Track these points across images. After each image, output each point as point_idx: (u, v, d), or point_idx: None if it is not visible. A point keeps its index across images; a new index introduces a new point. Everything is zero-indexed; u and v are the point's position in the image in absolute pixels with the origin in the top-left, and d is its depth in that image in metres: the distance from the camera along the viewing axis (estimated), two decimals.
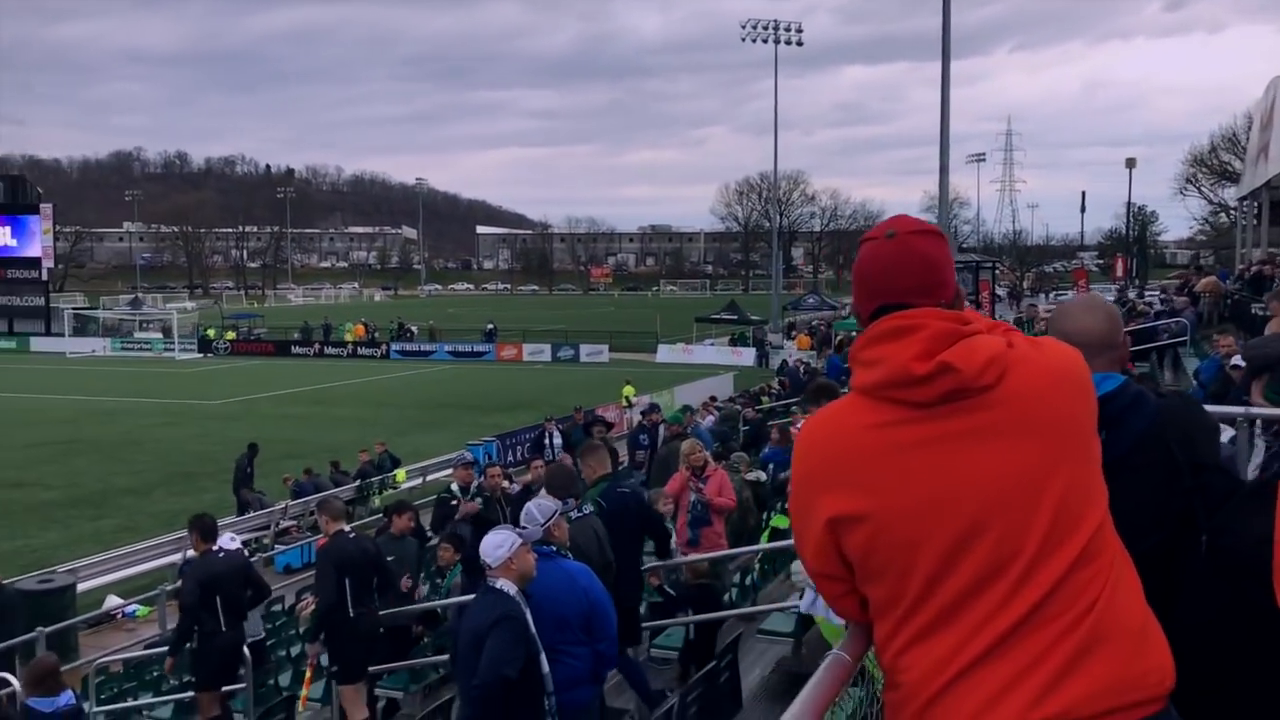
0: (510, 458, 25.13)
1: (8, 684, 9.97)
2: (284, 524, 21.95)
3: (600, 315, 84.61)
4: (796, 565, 7.59)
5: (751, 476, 11.70)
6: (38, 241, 69.56)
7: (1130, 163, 68.25)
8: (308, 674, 9.23)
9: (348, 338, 64.43)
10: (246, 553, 11.80)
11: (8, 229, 70.05)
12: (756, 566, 10.50)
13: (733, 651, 6.75)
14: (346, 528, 8.96)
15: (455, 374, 52.29)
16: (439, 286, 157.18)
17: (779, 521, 9.64)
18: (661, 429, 17.04)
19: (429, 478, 25.53)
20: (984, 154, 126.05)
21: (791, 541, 9.24)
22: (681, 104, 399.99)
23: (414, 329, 67.40)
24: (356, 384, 48.48)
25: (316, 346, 63.05)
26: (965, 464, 1.81)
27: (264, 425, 35.20)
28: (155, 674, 11.79)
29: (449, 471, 25.63)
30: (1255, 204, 32.82)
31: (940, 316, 1.90)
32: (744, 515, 10.90)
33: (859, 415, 1.91)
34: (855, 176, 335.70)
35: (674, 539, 9.20)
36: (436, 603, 9.63)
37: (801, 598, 7.27)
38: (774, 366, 45.43)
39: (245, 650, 9.45)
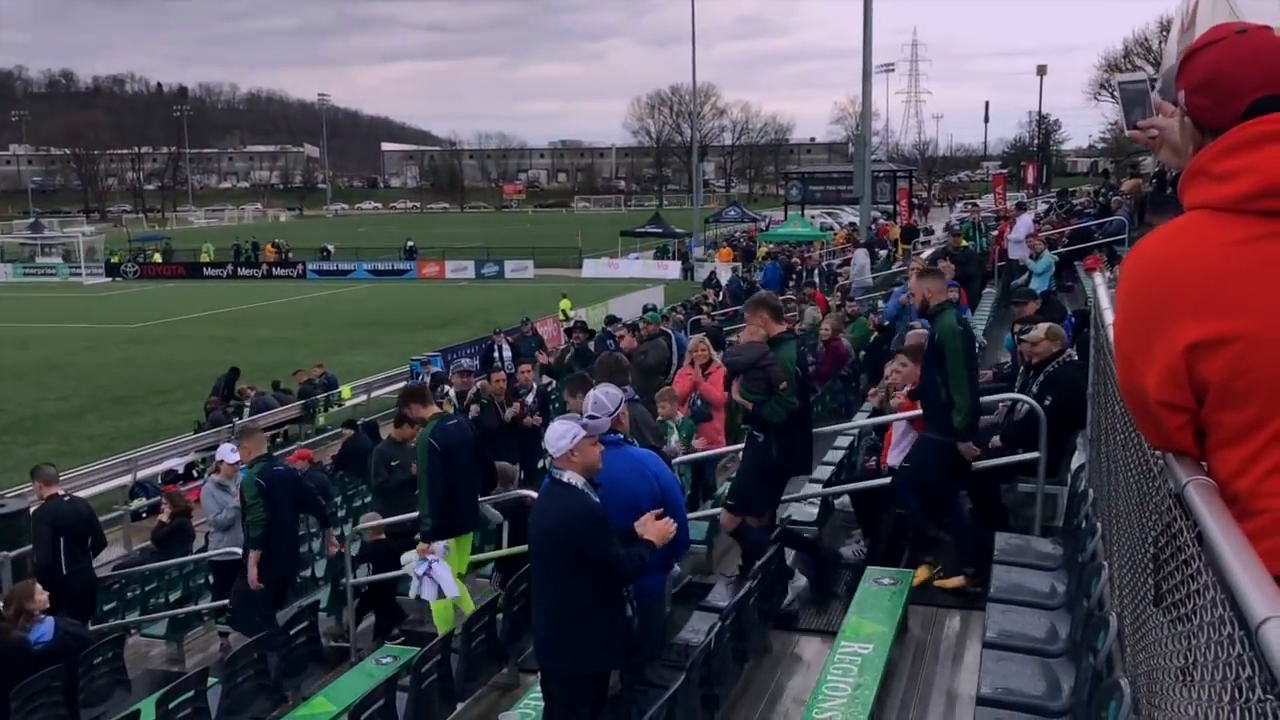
0: None
1: None
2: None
3: (518, 232, 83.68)
4: (407, 556, 7.87)
5: None
6: None
7: (1041, 70, 69.04)
8: None
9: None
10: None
11: None
12: None
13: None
14: (60, 491, 9.27)
15: (378, 292, 51.39)
16: (345, 206, 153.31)
17: None
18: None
19: (373, 394, 25.24)
20: (893, 64, 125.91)
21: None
22: (580, 15, 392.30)
23: (330, 248, 65.93)
24: (278, 305, 47.42)
25: (230, 268, 61.31)
26: None
27: (189, 348, 34.40)
28: (136, 592, 11.57)
29: (395, 388, 25.42)
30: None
31: None
32: (732, 414, 11.04)
33: (1215, 233, 1.81)
34: (760, 90, 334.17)
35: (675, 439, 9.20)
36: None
37: (412, 583, 7.69)
38: (699, 279, 45.50)
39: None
